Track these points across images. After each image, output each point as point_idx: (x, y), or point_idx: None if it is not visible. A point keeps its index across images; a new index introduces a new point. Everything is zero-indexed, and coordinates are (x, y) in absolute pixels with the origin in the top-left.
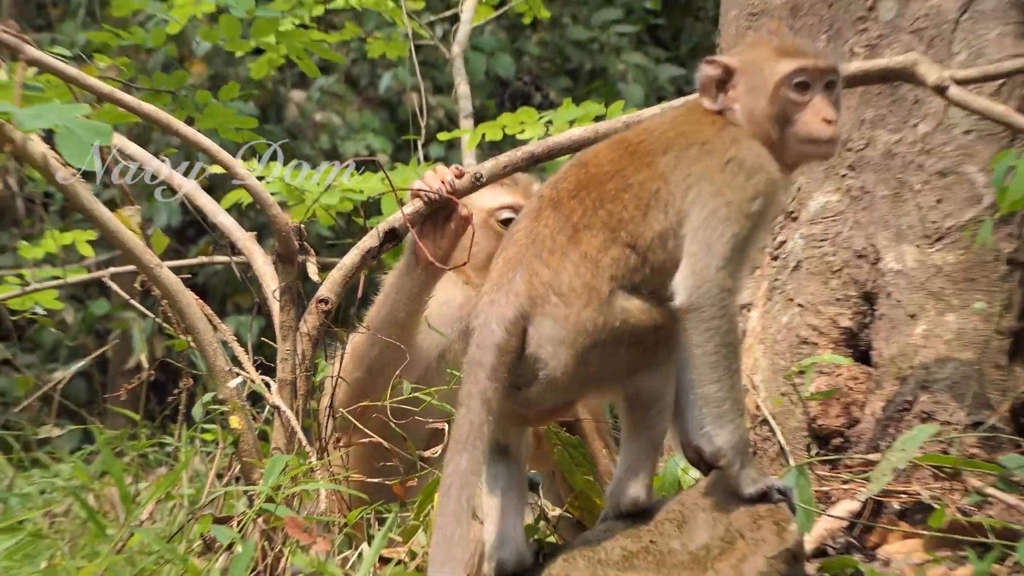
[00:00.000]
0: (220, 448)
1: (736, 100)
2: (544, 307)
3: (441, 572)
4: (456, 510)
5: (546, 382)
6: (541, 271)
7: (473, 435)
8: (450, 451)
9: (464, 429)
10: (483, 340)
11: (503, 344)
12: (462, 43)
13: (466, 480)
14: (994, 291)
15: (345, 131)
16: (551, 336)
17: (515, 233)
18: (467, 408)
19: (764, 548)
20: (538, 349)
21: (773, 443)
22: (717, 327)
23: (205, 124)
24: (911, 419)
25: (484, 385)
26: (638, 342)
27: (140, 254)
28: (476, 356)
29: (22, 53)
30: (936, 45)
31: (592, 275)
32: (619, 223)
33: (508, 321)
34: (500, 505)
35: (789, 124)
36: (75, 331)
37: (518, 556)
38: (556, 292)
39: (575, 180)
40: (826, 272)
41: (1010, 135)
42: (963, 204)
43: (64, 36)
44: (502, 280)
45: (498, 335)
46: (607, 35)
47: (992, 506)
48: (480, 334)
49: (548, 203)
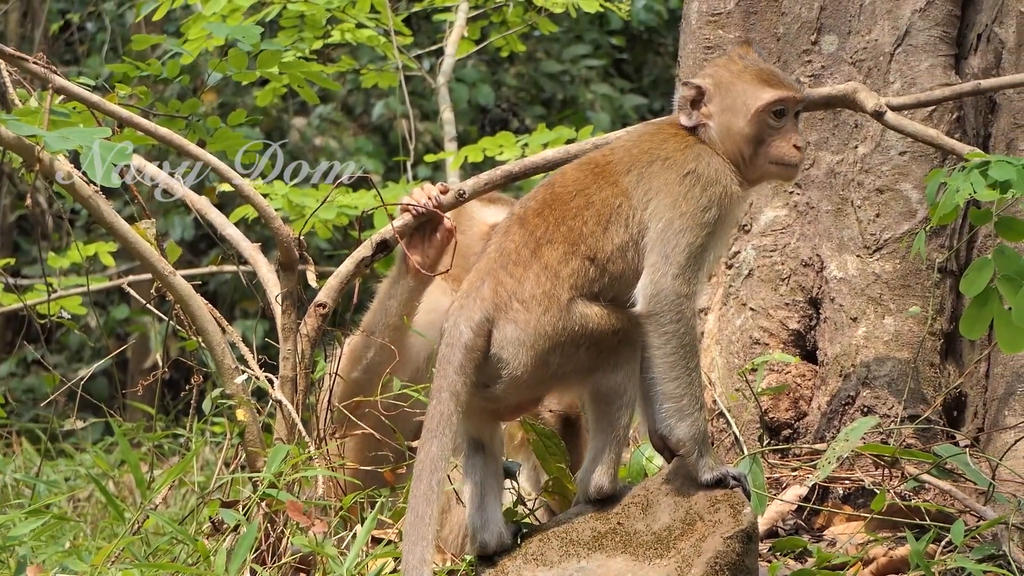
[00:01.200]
0: (227, 439)
1: (710, 117)
2: (507, 312)
3: (414, 549)
4: (427, 492)
5: (509, 380)
6: (506, 280)
7: (442, 424)
8: (422, 439)
9: (435, 419)
10: (452, 339)
11: (470, 343)
12: (447, 74)
13: (436, 465)
14: (928, 296)
15: (342, 154)
16: (513, 338)
17: (487, 247)
18: (437, 400)
19: (721, 529)
20: (501, 350)
21: (729, 434)
22: (675, 331)
23: (215, 147)
24: (853, 412)
25: (452, 379)
26: (595, 344)
27: (156, 263)
28: (446, 354)
29: (50, 82)
30: (873, 75)
31: (552, 284)
32: (579, 237)
33: (475, 323)
34: (480, 492)
35: (762, 145)
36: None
37: (499, 537)
38: (519, 299)
39: (541, 199)
40: (776, 279)
41: (941, 156)
42: (899, 218)
43: (89, 69)
44: (471, 288)
45: (466, 335)
46: (577, 68)
47: (928, 491)
48: (450, 334)
49: (516, 220)
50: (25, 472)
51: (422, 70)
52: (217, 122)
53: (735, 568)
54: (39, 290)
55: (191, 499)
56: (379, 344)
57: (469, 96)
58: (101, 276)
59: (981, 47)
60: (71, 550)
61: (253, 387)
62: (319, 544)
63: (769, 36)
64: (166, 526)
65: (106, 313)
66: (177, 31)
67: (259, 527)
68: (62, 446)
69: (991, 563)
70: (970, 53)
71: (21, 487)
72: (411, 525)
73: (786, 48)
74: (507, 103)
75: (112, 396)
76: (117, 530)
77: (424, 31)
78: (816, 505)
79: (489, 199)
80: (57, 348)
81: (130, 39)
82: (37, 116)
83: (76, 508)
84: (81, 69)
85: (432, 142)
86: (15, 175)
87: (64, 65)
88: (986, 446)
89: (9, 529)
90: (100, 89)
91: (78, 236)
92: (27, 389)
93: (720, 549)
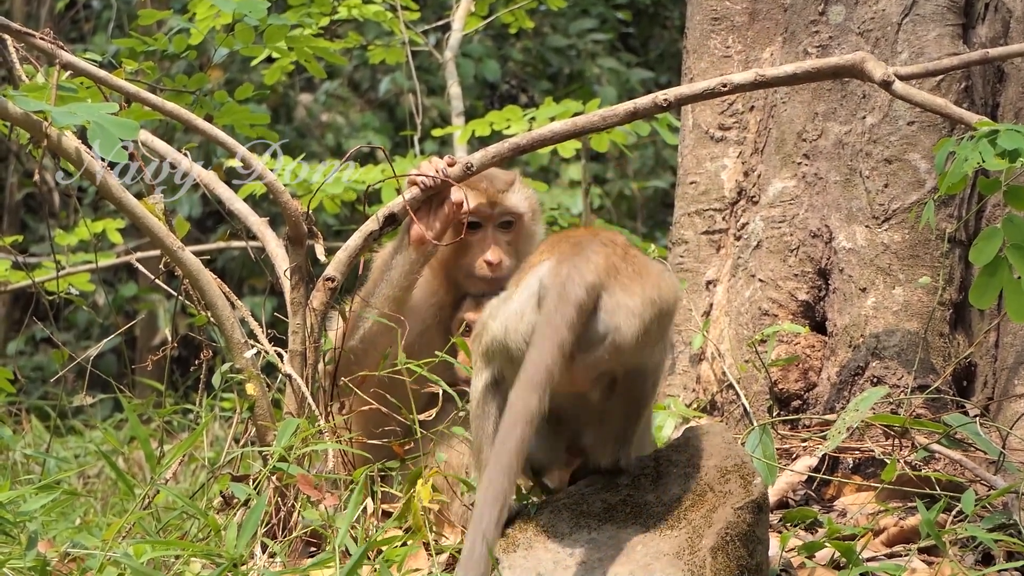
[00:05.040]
0: (237, 413)
1: None
2: (618, 279)
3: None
4: (518, 447)
5: (612, 346)
6: (610, 251)
7: (546, 380)
8: (522, 390)
9: (540, 371)
10: (564, 296)
11: (583, 303)
12: (454, 50)
13: (532, 418)
14: (937, 267)
15: (348, 130)
16: (624, 305)
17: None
18: (540, 353)
19: (732, 500)
20: (610, 315)
21: (738, 406)
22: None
23: (223, 121)
24: (863, 383)
25: (564, 335)
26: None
27: (164, 238)
28: (557, 308)
29: (57, 58)
30: (881, 45)
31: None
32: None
33: (588, 284)
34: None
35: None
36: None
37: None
38: (632, 268)
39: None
40: (784, 250)
41: (949, 125)
42: (908, 188)
43: (95, 46)
44: (575, 253)
45: (579, 294)
46: (583, 42)
47: (937, 461)
48: (562, 291)
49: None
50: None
51: (429, 45)
52: (224, 97)
53: (746, 538)
54: (47, 267)
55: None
56: (378, 315)
57: (476, 71)
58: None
59: (989, 16)
60: (82, 526)
61: (263, 362)
62: (330, 517)
63: (776, 7)
64: (176, 501)
65: (114, 291)
66: (183, 7)
67: (269, 501)
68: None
69: (1002, 532)
70: (978, 22)
71: (31, 464)
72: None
73: (793, 19)
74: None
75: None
76: (127, 506)
77: (431, 6)
78: (826, 476)
79: (469, 183)
80: (65, 326)
81: (136, 16)
82: (44, 92)
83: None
84: (87, 46)
85: (439, 117)
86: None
87: (70, 43)
88: (996, 415)
89: (20, 505)
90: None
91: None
92: (36, 367)
93: (731, 520)
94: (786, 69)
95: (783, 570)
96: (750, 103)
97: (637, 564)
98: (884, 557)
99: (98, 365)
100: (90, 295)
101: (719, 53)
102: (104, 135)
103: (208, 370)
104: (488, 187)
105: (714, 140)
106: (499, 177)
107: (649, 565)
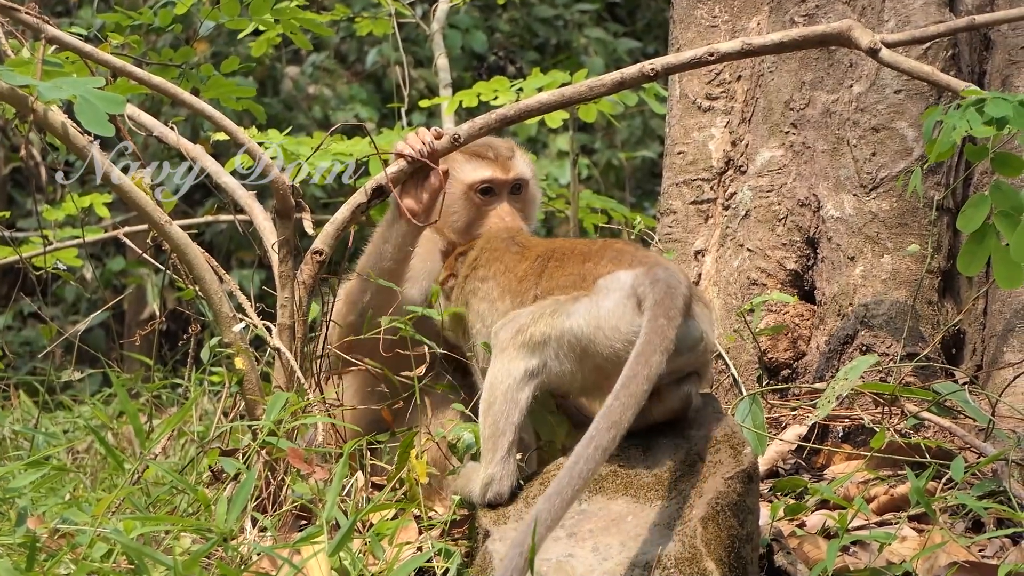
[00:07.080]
0: (226, 387)
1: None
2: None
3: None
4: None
5: (703, 350)
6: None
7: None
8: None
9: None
10: (673, 287)
11: (688, 298)
12: (441, 21)
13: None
14: (925, 235)
15: (336, 102)
16: (704, 311)
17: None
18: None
19: (722, 470)
20: (700, 321)
21: (727, 375)
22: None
23: (209, 94)
24: (852, 351)
25: (678, 319)
26: None
27: (152, 212)
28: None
29: (43, 32)
30: (867, 14)
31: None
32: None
33: (687, 291)
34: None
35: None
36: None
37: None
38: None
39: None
40: (772, 220)
41: (936, 93)
42: (895, 156)
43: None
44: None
45: (686, 289)
46: (570, 12)
47: (927, 429)
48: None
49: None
50: (23, 424)
51: (416, 17)
52: (210, 70)
53: (736, 508)
54: (35, 242)
55: (190, 449)
56: (375, 288)
57: (463, 43)
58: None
59: None
60: (71, 501)
61: (251, 335)
62: (321, 491)
63: None
64: (166, 476)
65: (102, 265)
66: None
67: (259, 475)
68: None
69: (992, 499)
70: None
71: (20, 439)
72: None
73: None
74: (502, 49)
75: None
76: (117, 481)
77: None
78: (816, 444)
79: (474, 152)
80: (53, 301)
81: None
82: (30, 66)
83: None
84: (73, 20)
85: (426, 88)
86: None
87: (56, 17)
88: (985, 383)
89: (9, 481)
90: (92, 40)
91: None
92: (24, 342)
93: (721, 490)
94: (773, 38)
95: (774, 539)
96: (737, 72)
97: (627, 535)
98: (874, 525)
99: (86, 340)
100: (78, 270)
101: (706, 23)
102: (91, 109)
103: (196, 344)
104: (497, 155)
105: (701, 110)
106: (501, 144)
107: (639, 535)
